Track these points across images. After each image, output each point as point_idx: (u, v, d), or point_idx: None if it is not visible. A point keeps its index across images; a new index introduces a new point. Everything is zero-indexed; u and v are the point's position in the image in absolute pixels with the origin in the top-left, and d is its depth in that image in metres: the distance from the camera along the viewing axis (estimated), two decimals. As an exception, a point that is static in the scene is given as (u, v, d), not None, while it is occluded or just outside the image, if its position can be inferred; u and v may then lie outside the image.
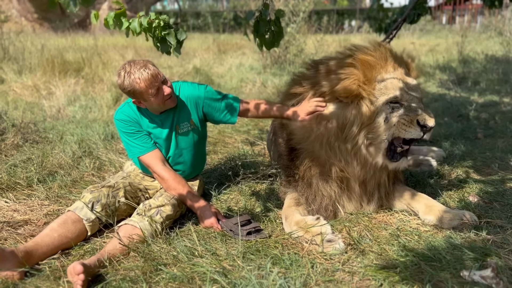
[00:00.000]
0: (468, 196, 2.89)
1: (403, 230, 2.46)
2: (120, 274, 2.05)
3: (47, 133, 4.61)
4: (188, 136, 2.89)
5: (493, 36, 16.22)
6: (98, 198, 2.50)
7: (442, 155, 3.75)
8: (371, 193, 2.72)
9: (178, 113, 2.84)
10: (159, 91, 2.60)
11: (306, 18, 9.02)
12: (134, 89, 2.55)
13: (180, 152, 2.88)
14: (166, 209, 2.52)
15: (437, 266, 2.02)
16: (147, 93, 2.56)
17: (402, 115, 2.46)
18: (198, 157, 3.00)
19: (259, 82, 7.24)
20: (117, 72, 2.60)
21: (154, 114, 2.78)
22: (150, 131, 2.80)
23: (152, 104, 2.64)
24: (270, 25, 2.96)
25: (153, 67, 2.59)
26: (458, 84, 7.36)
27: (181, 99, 2.87)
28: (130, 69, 2.55)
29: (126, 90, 2.58)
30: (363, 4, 40.47)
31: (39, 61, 8.49)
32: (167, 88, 2.65)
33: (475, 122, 4.98)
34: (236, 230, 2.41)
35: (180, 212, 2.69)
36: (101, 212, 2.48)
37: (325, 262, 2.12)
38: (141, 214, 2.43)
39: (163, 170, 2.73)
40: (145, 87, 2.54)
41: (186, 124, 2.85)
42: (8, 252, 2.02)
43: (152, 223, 2.37)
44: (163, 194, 2.64)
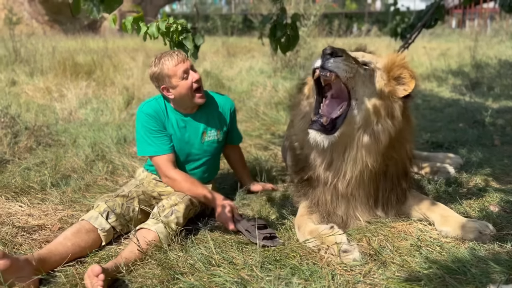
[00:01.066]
0: (488, 206, 2.82)
1: (423, 240, 2.40)
2: (137, 282, 2.02)
3: (60, 136, 4.61)
4: (212, 145, 2.88)
5: (504, 40, 16.05)
6: (113, 208, 2.47)
7: (459, 162, 3.67)
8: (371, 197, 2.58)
9: (207, 119, 2.84)
10: (188, 75, 2.64)
11: (317, 21, 8.98)
12: (162, 71, 2.60)
13: (200, 158, 2.86)
14: (180, 207, 2.49)
15: (462, 279, 1.96)
16: (176, 76, 2.60)
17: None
18: (214, 165, 2.99)
19: (269, 86, 7.21)
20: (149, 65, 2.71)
21: (182, 115, 2.76)
22: (174, 133, 2.77)
23: (181, 92, 2.65)
24: (286, 29, 2.94)
25: (183, 53, 2.66)
26: (471, 89, 7.27)
27: (213, 106, 2.87)
28: (161, 55, 2.66)
29: (155, 75, 2.64)
30: (372, 8, 40.41)
31: (50, 64, 8.55)
32: (196, 74, 2.68)
33: (491, 128, 4.89)
34: (253, 232, 2.35)
35: (194, 210, 2.66)
36: (116, 222, 2.46)
37: (346, 274, 2.07)
38: (156, 217, 2.41)
39: (175, 173, 2.70)
40: (174, 68, 2.58)
41: (213, 132, 2.84)
42: (23, 260, 2.00)
43: (167, 226, 2.35)
44: (175, 193, 2.62)
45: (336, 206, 2.56)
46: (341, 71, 2.18)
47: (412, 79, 2.43)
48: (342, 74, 2.19)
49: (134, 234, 2.32)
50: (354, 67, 2.24)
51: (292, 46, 3.03)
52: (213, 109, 2.90)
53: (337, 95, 2.34)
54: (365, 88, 2.31)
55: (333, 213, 2.56)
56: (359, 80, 2.28)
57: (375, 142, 2.37)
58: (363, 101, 2.31)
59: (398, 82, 2.45)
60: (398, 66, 2.46)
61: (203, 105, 2.85)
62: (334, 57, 2.18)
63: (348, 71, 2.20)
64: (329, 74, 2.17)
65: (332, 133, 2.24)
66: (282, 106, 6.07)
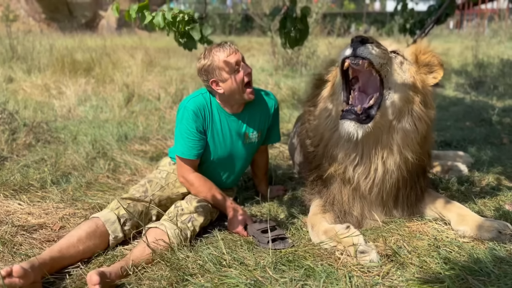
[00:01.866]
0: (504, 205, 2.74)
1: (441, 240, 2.31)
2: (144, 284, 1.92)
3: (59, 133, 4.50)
4: (251, 147, 2.77)
5: (504, 41, 16.03)
6: (131, 216, 2.36)
7: (469, 161, 3.60)
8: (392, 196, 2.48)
9: (252, 120, 2.70)
10: (239, 68, 2.49)
11: (319, 20, 8.89)
12: (213, 63, 2.45)
13: (235, 161, 2.74)
14: (199, 218, 2.40)
15: (485, 281, 1.87)
16: (226, 69, 2.44)
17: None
18: (246, 167, 2.89)
19: (271, 84, 7.11)
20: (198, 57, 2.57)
21: (226, 113, 2.63)
22: (215, 133, 2.62)
23: (231, 87, 2.49)
24: (296, 23, 2.85)
25: (234, 45, 2.52)
26: (475, 88, 7.20)
27: (258, 105, 2.74)
28: (211, 47, 2.52)
29: (205, 67, 2.48)
30: (370, 8, 40.37)
31: (48, 61, 8.42)
32: (248, 67, 2.54)
33: (498, 127, 4.82)
34: (259, 236, 2.27)
35: (210, 219, 2.56)
36: (130, 229, 2.35)
37: (363, 275, 1.98)
38: (172, 219, 2.30)
39: (194, 176, 2.58)
40: (225, 60, 2.43)
41: (254, 134, 2.72)
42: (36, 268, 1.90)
43: (182, 232, 2.25)
44: (196, 198, 2.52)
45: (352, 206, 2.46)
46: (374, 57, 2.07)
47: (441, 67, 2.36)
48: (376, 61, 2.08)
49: (145, 235, 2.21)
50: (386, 53, 2.14)
51: (301, 40, 2.93)
52: (258, 108, 2.74)
53: (364, 89, 2.24)
54: (397, 76, 2.21)
55: (349, 212, 2.47)
56: (392, 68, 2.18)
57: (412, 132, 2.27)
58: (396, 90, 2.21)
59: (428, 70, 2.36)
60: (426, 53, 2.38)
61: (248, 104, 2.69)
62: (365, 44, 2.07)
63: (381, 57, 2.10)
64: (362, 61, 2.07)
65: (366, 122, 2.13)
66: (286, 104, 5.98)
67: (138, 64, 8.80)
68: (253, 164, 3.06)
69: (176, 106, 5.87)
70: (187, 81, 7.60)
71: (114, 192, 3.06)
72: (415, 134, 2.28)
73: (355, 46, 2.07)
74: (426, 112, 2.29)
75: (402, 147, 2.28)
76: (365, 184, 2.36)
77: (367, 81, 2.21)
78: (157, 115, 5.43)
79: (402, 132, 2.27)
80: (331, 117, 2.37)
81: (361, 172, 2.34)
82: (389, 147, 2.29)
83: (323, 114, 2.41)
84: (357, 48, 2.06)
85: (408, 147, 2.28)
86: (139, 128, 4.73)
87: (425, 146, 2.44)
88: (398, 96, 2.21)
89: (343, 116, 2.14)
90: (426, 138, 2.41)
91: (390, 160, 2.30)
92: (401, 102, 2.22)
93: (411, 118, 2.27)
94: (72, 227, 2.46)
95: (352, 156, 2.33)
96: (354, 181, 2.37)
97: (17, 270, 1.79)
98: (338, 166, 2.39)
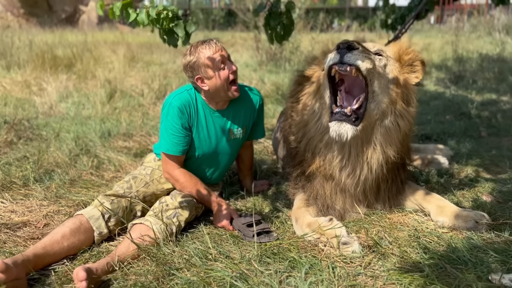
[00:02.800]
0: (481, 196, 2.82)
1: (421, 231, 2.37)
2: (130, 279, 1.93)
3: (41, 130, 4.45)
4: (236, 143, 2.78)
5: (482, 36, 16.33)
6: (116, 211, 2.36)
7: (449, 154, 3.68)
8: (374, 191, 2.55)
9: (236, 116, 2.71)
10: (225, 66, 2.51)
11: (302, 15, 8.93)
12: (199, 60, 2.47)
13: (220, 156, 2.76)
14: (184, 213, 2.41)
15: (463, 268, 1.94)
16: (212, 66, 2.46)
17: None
18: (231, 163, 2.91)
19: (255, 79, 7.13)
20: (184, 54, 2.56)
21: (211, 110, 2.64)
22: (200, 129, 2.63)
23: (216, 84, 2.51)
24: (281, 18, 2.87)
25: (220, 43, 2.54)
26: (455, 82, 7.35)
27: (243, 101, 2.75)
28: (197, 44, 2.52)
29: (191, 64, 2.49)
30: (353, 3, 40.60)
31: (28, 57, 8.26)
32: (234, 65, 2.55)
33: (477, 120, 4.94)
34: (245, 230, 2.31)
35: (195, 215, 2.57)
36: (115, 226, 2.35)
37: (346, 266, 2.03)
38: (157, 215, 2.30)
39: (179, 173, 2.59)
40: (211, 57, 2.45)
41: (239, 130, 2.73)
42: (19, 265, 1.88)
43: (167, 228, 2.26)
44: (181, 194, 2.52)
45: (335, 200, 2.52)
46: (361, 63, 2.12)
47: (423, 66, 2.42)
48: (363, 67, 2.13)
49: (130, 230, 2.22)
50: (372, 59, 2.19)
51: (287, 36, 2.96)
52: (242, 105, 2.75)
53: (350, 90, 2.29)
54: (381, 78, 2.26)
55: (331, 206, 2.52)
56: (374, 73, 2.23)
57: (395, 132, 2.34)
58: (379, 92, 2.26)
59: (410, 70, 2.42)
60: (409, 53, 2.43)
61: (233, 100, 2.70)
62: (351, 50, 2.11)
63: (368, 63, 2.15)
64: (350, 68, 2.11)
65: (356, 124, 2.18)
66: (270, 99, 6.01)
67: (120, 60, 8.71)
68: (238, 159, 3.09)
69: (160, 102, 5.85)
70: (170, 77, 7.56)
71: (98, 189, 3.05)
72: (397, 133, 2.35)
73: (342, 53, 2.11)
74: (408, 111, 2.37)
75: (385, 145, 2.35)
76: (349, 182, 2.43)
77: (352, 83, 2.26)
78: (141, 111, 5.40)
79: (385, 131, 2.34)
80: (319, 119, 2.41)
81: (346, 172, 2.40)
82: (373, 146, 2.35)
83: (311, 116, 2.44)
84: (344, 55, 2.11)
85: (390, 145, 2.35)
86: (122, 124, 4.70)
87: (406, 141, 2.51)
88: (382, 97, 2.27)
89: (333, 118, 2.19)
90: (407, 134, 2.48)
91: (374, 159, 2.36)
92: (384, 103, 2.28)
93: (394, 117, 2.34)
94: (57, 225, 2.45)
95: (339, 156, 2.38)
96: (338, 179, 2.43)
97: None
98: (323, 165, 2.44)
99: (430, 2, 3.62)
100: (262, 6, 2.73)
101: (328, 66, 2.19)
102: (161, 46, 11.55)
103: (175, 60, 9.78)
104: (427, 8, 3.66)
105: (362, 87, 2.24)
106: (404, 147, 2.50)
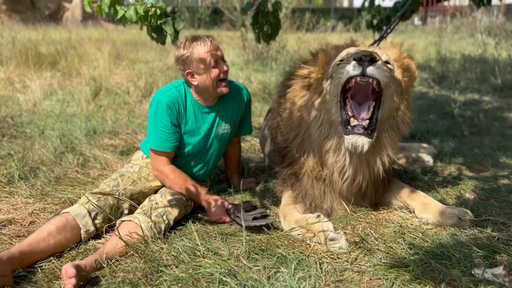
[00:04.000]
0: (464, 193, 2.89)
1: (406, 227, 2.42)
2: (119, 276, 1.93)
3: (25, 128, 4.38)
4: (224, 139, 2.79)
5: (465, 37, 16.62)
6: (102, 208, 2.34)
7: (433, 152, 3.75)
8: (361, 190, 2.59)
9: (224, 112, 2.72)
10: (217, 65, 2.53)
11: (288, 15, 8.96)
12: (192, 55, 2.49)
13: (208, 153, 2.76)
14: (174, 211, 2.41)
15: (447, 264, 1.99)
16: (204, 64, 2.49)
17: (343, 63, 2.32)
18: (219, 159, 2.92)
19: (242, 78, 7.14)
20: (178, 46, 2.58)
21: (200, 106, 2.66)
22: (189, 125, 2.64)
23: (205, 81, 2.53)
24: (268, 17, 2.89)
25: (216, 41, 2.57)
26: (438, 82, 7.47)
27: (230, 97, 2.76)
28: (192, 38, 2.54)
29: (183, 57, 2.51)
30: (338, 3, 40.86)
31: (11, 54, 8.11)
32: (226, 65, 2.58)
33: (460, 119, 5.04)
34: (244, 215, 2.33)
35: (184, 213, 2.57)
36: (102, 223, 2.34)
37: (333, 262, 2.06)
38: (147, 213, 2.30)
39: (169, 169, 2.59)
40: (205, 55, 2.48)
41: (227, 126, 2.75)
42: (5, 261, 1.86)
43: (156, 226, 2.26)
44: (170, 192, 2.52)
45: (323, 200, 2.55)
46: (382, 76, 2.17)
47: (416, 69, 2.47)
48: (384, 80, 2.18)
49: (119, 227, 2.21)
50: (388, 70, 2.23)
51: (274, 35, 2.98)
52: (230, 100, 2.77)
53: (353, 95, 2.33)
54: (391, 86, 2.30)
55: (319, 206, 2.56)
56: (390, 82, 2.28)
57: (396, 136, 2.42)
58: (388, 99, 2.31)
59: (408, 74, 2.45)
60: (405, 57, 2.47)
61: (221, 96, 2.71)
62: (373, 63, 2.15)
63: (387, 76, 2.20)
64: (372, 80, 2.15)
65: (371, 137, 2.23)
66: (257, 98, 6.02)
67: (105, 57, 8.61)
68: (226, 157, 3.10)
69: (146, 100, 5.81)
70: (156, 75, 7.51)
71: (84, 187, 3.02)
72: (398, 137, 2.43)
73: (365, 66, 2.14)
74: (407, 114, 2.44)
75: (390, 150, 2.43)
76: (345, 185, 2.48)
77: (358, 89, 2.30)
78: (126, 109, 5.36)
79: (389, 136, 2.41)
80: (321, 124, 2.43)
81: (345, 176, 2.45)
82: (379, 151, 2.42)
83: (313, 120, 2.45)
84: (366, 67, 2.13)
85: (393, 149, 2.43)
86: (108, 122, 4.66)
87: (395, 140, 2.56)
88: (389, 104, 2.33)
89: (351, 131, 2.22)
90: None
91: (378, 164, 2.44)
92: (390, 109, 2.35)
93: (395, 121, 2.42)
94: (42, 222, 2.43)
95: (344, 163, 2.42)
96: (334, 181, 2.48)
97: None
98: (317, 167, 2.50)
99: (415, 3, 3.69)
100: (251, 4, 2.74)
101: (346, 78, 2.20)
102: (146, 44, 11.47)
103: (160, 58, 9.72)
104: (412, 8, 3.72)
105: (368, 94, 2.28)
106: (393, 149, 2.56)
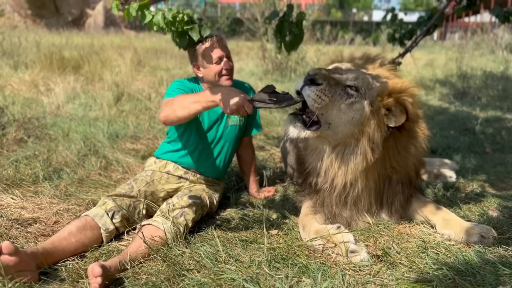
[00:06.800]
0: (488, 210, 2.84)
1: (428, 242, 2.39)
2: (142, 278, 1.95)
3: (49, 130, 4.47)
4: (235, 131, 2.88)
5: (486, 53, 16.48)
6: (119, 208, 2.38)
7: (455, 168, 3.71)
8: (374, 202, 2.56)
9: None
10: (220, 61, 2.67)
11: (309, 26, 9.00)
12: (198, 50, 2.68)
13: (219, 144, 2.85)
14: (190, 211, 2.44)
15: (472, 281, 1.96)
16: (208, 59, 2.66)
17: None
18: (232, 156, 2.98)
19: (261, 88, 7.17)
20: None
21: None
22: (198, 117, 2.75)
23: (208, 75, 2.70)
24: (292, 27, 2.92)
25: (224, 40, 2.74)
26: (459, 98, 7.40)
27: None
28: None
29: (191, 50, 2.70)
30: (357, 17, 40.93)
31: (36, 57, 8.32)
32: (230, 63, 2.73)
33: (482, 136, 4.98)
34: (271, 96, 2.12)
35: (201, 214, 2.59)
36: (120, 222, 2.37)
37: (355, 274, 2.04)
38: (165, 215, 2.33)
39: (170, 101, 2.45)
40: (209, 51, 2.64)
41: (236, 117, 2.85)
42: (30, 254, 1.90)
43: (175, 226, 2.27)
44: (187, 194, 2.55)
45: (342, 209, 2.54)
46: (310, 100, 2.23)
47: (403, 114, 2.33)
48: (310, 103, 2.24)
49: (140, 230, 2.24)
50: (325, 100, 2.24)
51: (296, 45, 3.00)
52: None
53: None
54: (340, 115, 2.30)
55: (338, 214, 2.55)
56: (332, 109, 2.29)
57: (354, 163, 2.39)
58: (337, 125, 2.33)
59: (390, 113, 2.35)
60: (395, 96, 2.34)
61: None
62: (310, 85, 2.22)
63: (317, 102, 2.23)
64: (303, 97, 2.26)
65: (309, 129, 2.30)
66: (276, 107, 6.04)
67: (127, 64, 8.77)
68: (240, 160, 3.18)
69: (167, 106, 5.87)
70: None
71: (107, 189, 3.07)
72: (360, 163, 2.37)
73: (304, 84, 2.25)
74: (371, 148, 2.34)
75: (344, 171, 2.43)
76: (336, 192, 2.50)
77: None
78: (148, 115, 5.43)
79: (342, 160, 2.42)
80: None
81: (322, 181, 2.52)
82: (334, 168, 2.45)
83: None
84: (304, 85, 2.24)
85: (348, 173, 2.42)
86: (129, 127, 4.72)
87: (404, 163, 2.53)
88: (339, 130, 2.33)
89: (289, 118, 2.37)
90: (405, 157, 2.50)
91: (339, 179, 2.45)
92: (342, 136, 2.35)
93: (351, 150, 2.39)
94: (66, 222, 2.47)
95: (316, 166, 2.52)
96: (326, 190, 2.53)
97: (7, 247, 1.76)
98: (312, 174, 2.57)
99: (440, 18, 3.68)
100: (276, 13, 2.77)
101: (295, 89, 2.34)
102: (167, 51, 11.64)
103: (181, 66, 9.84)
104: (436, 23, 3.72)
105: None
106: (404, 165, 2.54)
